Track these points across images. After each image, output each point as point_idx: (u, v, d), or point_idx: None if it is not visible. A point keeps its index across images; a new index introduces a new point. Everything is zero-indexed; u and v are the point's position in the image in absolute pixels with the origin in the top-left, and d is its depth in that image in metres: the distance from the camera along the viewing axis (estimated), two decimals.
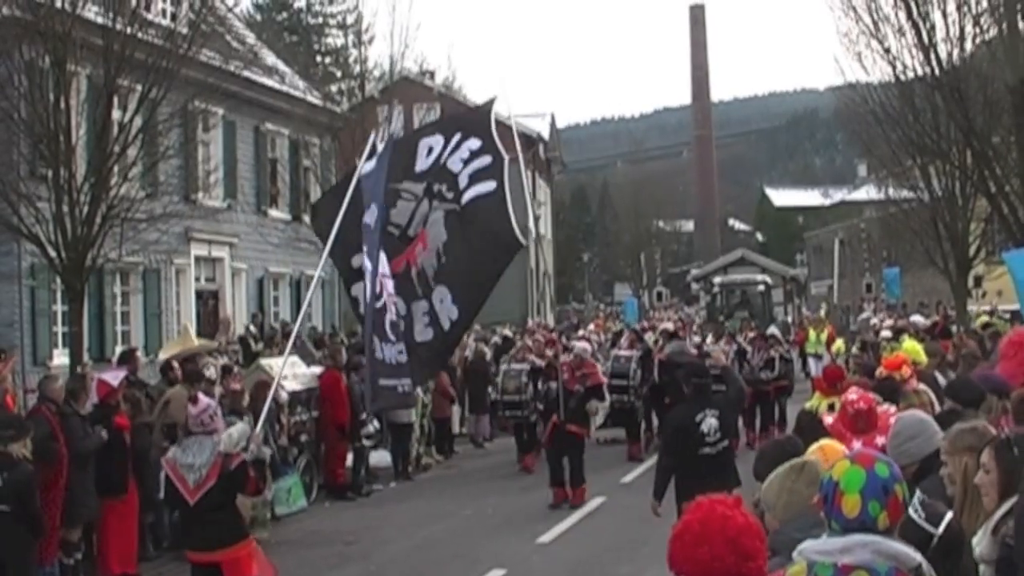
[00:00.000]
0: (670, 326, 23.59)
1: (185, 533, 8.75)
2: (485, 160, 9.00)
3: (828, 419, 7.41)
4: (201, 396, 9.17)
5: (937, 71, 22.14)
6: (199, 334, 22.00)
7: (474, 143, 9.07)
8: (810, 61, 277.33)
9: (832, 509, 3.45)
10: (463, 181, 8.99)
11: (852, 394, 7.43)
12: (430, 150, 9.17)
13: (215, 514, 8.53)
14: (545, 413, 16.14)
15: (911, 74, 23.04)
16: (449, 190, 9.02)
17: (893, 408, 7.27)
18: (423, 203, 9.07)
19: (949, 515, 4.90)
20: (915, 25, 22.20)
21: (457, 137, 9.09)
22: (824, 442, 5.50)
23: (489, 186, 8.89)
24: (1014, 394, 6.58)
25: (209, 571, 8.63)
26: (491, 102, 9.60)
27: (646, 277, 72.81)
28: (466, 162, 9.03)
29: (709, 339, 22.10)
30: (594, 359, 22.22)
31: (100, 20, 16.14)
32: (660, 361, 18.50)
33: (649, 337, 21.79)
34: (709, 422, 9.63)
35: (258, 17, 46.69)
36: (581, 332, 27.56)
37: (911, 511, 4.21)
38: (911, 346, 14.04)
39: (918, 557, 3.45)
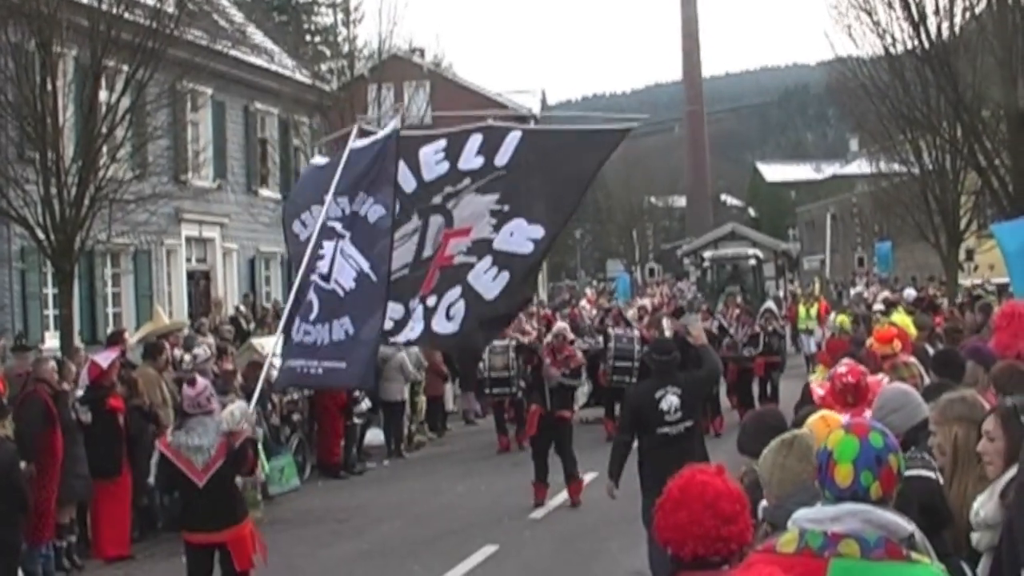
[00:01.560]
0: (647, 303, 23.48)
1: (187, 515, 8.67)
2: (476, 139, 8.62)
3: (819, 391, 7.36)
4: (198, 377, 9.14)
5: (927, 45, 22.12)
6: (190, 315, 22.07)
7: (439, 143, 8.66)
8: (801, 36, 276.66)
9: (825, 478, 3.44)
10: (472, 163, 8.45)
11: (841, 367, 7.37)
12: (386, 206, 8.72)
13: (220, 494, 8.48)
14: (528, 401, 15.32)
15: (901, 48, 23.03)
16: (459, 182, 8.45)
17: (887, 380, 7.20)
18: (431, 222, 8.63)
19: (913, 471, 4.89)
20: None
21: (401, 166, 8.64)
22: (824, 412, 5.49)
23: (515, 136, 8.50)
24: (994, 367, 6.57)
25: (207, 552, 8.59)
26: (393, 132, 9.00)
27: (638, 253, 72.52)
28: (447, 151, 8.57)
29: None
30: (581, 334, 22.10)
31: (86, 1, 16.05)
32: (675, 332, 18.12)
33: (631, 314, 21.63)
34: (669, 400, 9.09)
35: None
36: (568, 310, 27.42)
37: None
38: (900, 319, 14.03)
39: (910, 527, 3.44)
